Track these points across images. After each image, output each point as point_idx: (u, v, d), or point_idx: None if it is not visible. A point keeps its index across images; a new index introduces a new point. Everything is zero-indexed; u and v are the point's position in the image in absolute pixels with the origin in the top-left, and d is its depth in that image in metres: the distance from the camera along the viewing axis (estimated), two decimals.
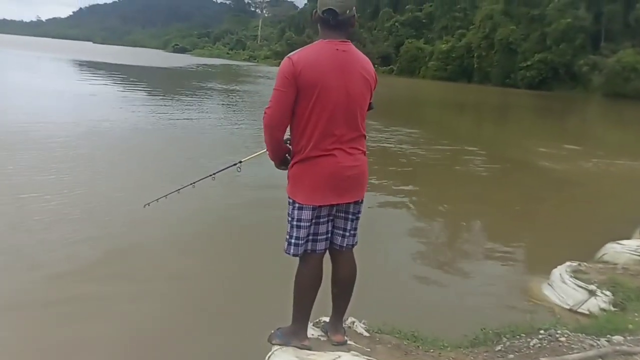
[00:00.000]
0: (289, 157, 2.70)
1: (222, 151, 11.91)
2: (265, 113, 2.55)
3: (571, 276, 5.14)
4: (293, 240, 2.65)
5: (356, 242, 2.84)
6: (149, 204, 3.51)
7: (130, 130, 13.60)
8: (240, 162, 3.16)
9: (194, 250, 6.08)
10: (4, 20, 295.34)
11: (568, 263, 5.45)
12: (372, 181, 9.21)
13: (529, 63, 55.18)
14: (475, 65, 61.68)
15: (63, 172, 8.69)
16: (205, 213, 7.24)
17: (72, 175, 8.56)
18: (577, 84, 51.99)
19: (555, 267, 5.46)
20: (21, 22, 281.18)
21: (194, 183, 3.41)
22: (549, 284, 5.30)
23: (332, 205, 2.66)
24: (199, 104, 22.19)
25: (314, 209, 2.60)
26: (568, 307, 4.84)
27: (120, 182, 8.51)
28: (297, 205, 2.62)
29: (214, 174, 3.30)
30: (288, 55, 2.52)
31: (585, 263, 5.54)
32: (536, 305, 5.05)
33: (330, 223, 2.72)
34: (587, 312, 4.61)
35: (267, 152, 2.72)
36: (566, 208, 9.54)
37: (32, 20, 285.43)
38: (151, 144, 12.19)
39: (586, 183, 11.74)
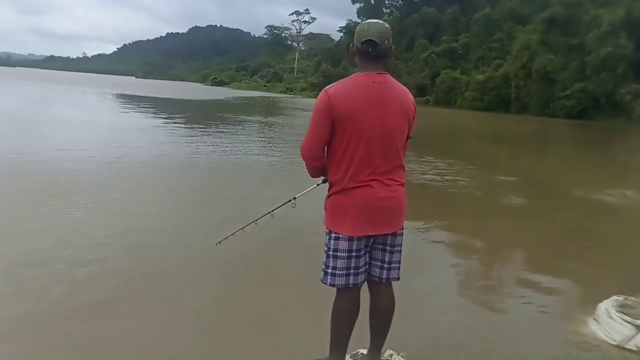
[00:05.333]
0: None
1: (273, 182, 12.18)
2: (301, 145, 2.63)
3: (618, 311, 4.99)
4: (330, 270, 2.64)
5: (399, 277, 2.78)
6: (220, 243, 3.61)
7: (183, 163, 13.93)
8: (295, 198, 3.24)
9: (251, 283, 6.21)
10: (52, 57, 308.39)
11: (614, 297, 5.29)
12: (411, 212, 9.13)
13: (568, 92, 54.29)
14: (513, 95, 61.06)
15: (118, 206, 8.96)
16: (264, 249, 7.18)
17: (129, 211, 8.77)
18: (619, 113, 50.73)
19: (601, 301, 5.31)
20: (68, 59, 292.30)
21: (256, 220, 3.51)
22: (594, 319, 5.15)
23: (369, 237, 2.65)
24: (242, 136, 22.57)
25: (350, 239, 2.60)
26: (615, 343, 4.69)
27: (182, 219, 8.72)
28: (333, 235, 2.63)
29: (272, 210, 3.39)
30: (325, 89, 2.57)
31: (632, 297, 5.37)
32: (581, 340, 4.90)
33: (367, 255, 2.70)
34: (634, 349, 4.46)
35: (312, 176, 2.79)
36: (611, 241, 9.24)
37: (78, 57, 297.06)
38: (206, 178, 12.45)
39: (632, 215, 11.39)
